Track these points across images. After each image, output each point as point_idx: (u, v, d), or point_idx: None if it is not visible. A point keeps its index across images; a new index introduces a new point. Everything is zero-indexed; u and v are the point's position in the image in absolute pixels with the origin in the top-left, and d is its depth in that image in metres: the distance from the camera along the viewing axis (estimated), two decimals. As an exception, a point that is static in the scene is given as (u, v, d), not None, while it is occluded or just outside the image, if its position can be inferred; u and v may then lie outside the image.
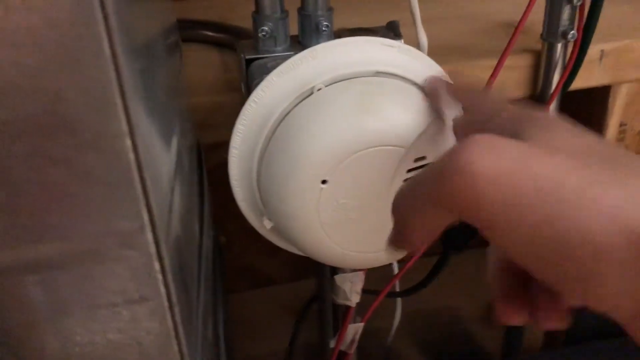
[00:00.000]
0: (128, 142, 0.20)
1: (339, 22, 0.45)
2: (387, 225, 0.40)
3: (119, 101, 0.19)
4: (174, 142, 0.31)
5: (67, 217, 0.21)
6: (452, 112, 0.42)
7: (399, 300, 0.63)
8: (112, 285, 0.23)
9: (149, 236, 0.22)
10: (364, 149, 0.36)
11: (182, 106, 0.40)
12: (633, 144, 0.60)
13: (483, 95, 0.33)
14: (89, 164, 0.21)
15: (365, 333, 0.55)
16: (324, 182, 0.36)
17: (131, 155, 0.21)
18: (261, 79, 0.39)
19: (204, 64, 0.56)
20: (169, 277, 0.23)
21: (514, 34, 0.48)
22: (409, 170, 0.38)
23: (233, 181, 0.41)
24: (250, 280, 1.00)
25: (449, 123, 0.40)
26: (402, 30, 0.45)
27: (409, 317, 0.75)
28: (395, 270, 0.57)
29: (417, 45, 0.45)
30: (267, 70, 0.40)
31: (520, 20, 0.48)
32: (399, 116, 0.37)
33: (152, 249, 0.22)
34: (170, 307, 0.24)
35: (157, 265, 0.23)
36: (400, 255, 0.41)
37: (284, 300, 0.93)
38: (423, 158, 0.38)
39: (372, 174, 0.37)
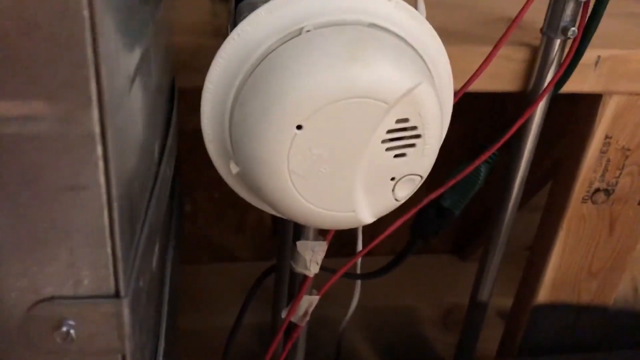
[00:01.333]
0: (85, -7, 0.18)
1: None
2: (358, 185, 0.38)
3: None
4: (141, 44, 0.28)
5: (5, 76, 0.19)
6: (441, 76, 0.41)
7: (357, 284, 0.61)
8: (47, 167, 0.20)
9: (95, 113, 0.20)
10: (346, 98, 0.34)
11: (160, 37, 0.37)
12: (615, 159, 0.60)
13: None
14: (36, 15, 0.18)
15: (318, 320, 0.53)
16: (299, 127, 0.34)
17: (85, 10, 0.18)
18: (249, 14, 0.37)
19: (193, 7, 0.54)
20: (112, 165, 0.21)
21: (512, 22, 0.47)
22: (389, 131, 0.36)
23: (204, 119, 0.39)
24: (210, 254, 0.97)
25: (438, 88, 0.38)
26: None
27: (366, 312, 0.73)
28: (359, 248, 0.55)
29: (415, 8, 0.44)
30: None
31: (522, 10, 0.46)
32: (388, 70, 0.35)
33: (97, 128, 0.20)
34: (109, 200, 0.21)
35: (99, 150, 0.20)
36: (370, 220, 0.39)
37: (241, 278, 0.90)
38: (406, 120, 0.36)
39: (350, 127, 0.35)
